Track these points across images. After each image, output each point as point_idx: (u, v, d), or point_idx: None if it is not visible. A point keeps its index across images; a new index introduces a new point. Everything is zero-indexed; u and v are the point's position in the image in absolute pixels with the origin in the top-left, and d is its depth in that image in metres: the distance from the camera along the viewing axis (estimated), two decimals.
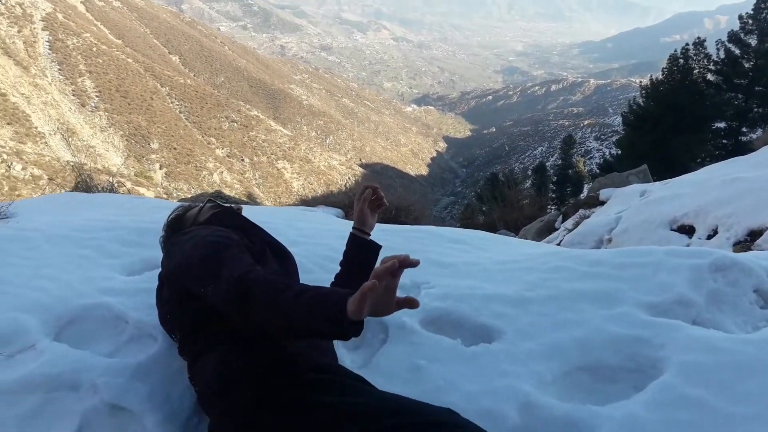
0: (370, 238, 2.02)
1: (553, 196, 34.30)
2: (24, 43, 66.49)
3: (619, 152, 25.22)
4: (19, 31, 67.14)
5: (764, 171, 6.88)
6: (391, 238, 3.40)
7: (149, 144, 61.54)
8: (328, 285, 2.05)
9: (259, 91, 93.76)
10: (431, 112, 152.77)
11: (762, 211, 5.64)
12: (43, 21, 69.91)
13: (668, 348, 2.01)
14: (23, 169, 42.40)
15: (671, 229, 6.26)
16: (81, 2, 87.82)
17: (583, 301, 2.36)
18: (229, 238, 1.66)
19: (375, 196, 1.96)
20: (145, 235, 3.13)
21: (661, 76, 22.45)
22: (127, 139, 61.50)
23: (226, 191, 53.48)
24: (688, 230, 6.20)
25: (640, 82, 27.22)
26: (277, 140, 73.50)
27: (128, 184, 41.94)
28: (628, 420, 1.66)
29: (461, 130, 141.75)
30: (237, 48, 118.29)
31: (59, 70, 66.03)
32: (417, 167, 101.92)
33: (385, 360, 2.02)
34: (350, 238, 2.02)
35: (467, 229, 4.53)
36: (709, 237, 5.88)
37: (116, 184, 7.46)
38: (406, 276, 2.60)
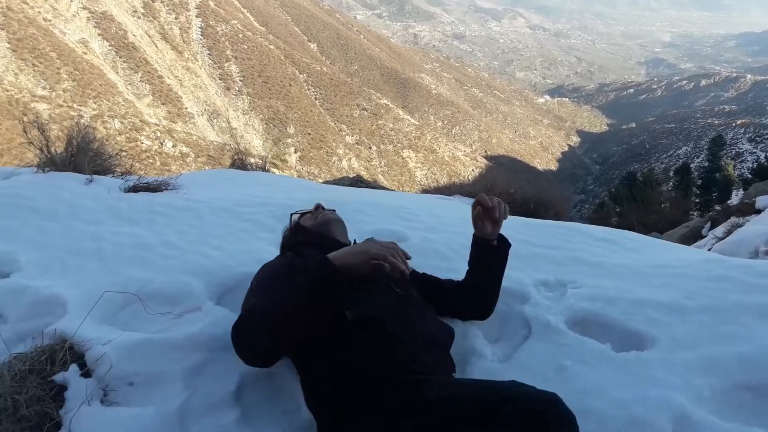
0: (500, 234, 2.04)
1: (697, 200, 31.58)
2: (180, 29, 72.59)
3: None
4: (176, 18, 73.37)
5: None
6: (532, 233, 3.38)
7: (286, 128, 64.78)
8: (463, 275, 2.16)
9: (390, 80, 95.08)
10: (565, 104, 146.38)
11: None
12: (197, 8, 75.79)
13: None
14: (173, 146, 46.31)
15: None
16: None
17: (749, 315, 2.17)
18: (265, 277, 1.79)
19: (487, 211, 1.95)
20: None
21: None
22: (266, 123, 65.22)
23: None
24: None
25: None
26: (404, 129, 74.18)
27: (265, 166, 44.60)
28: None
29: (597, 124, 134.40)
30: (371, 36, 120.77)
31: (209, 54, 71.36)
32: (546, 161, 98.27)
33: (528, 356, 1.97)
34: (473, 241, 2.05)
35: (616, 229, 4.30)
36: None
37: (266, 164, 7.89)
38: (551, 273, 2.63)
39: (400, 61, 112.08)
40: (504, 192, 7.44)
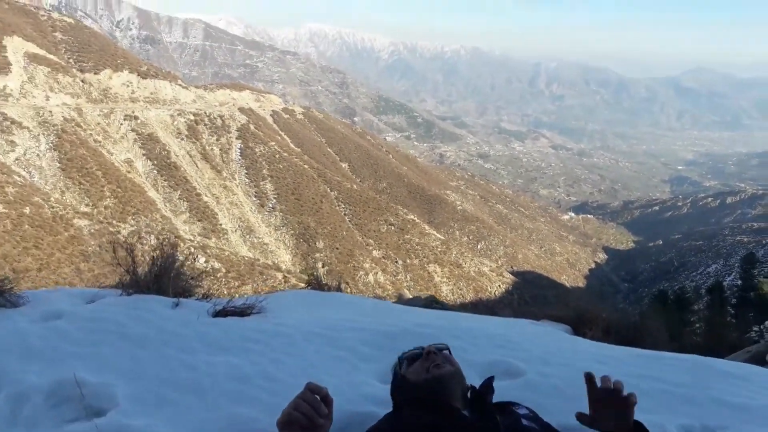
0: (637, 422, 1.69)
1: (733, 320, 30.86)
2: (220, 150, 77.54)
3: None
4: (217, 140, 78.65)
5: None
6: (652, 366, 3.12)
7: (315, 243, 66.84)
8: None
9: (416, 197, 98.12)
10: (590, 220, 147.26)
11: None
12: (238, 131, 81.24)
13: None
14: (205, 261, 48.16)
15: None
16: (270, 115, 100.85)
17: None
18: None
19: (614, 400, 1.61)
20: (395, 339, 3.22)
21: None
22: (296, 238, 67.50)
23: (379, 292, 55.58)
24: None
25: None
26: (430, 244, 75.53)
27: (293, 280, 45.80)
28: None
29: (623, 241, 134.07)
30: (399, 156, 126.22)
31: (246, 173, 75.49)
32: (573, 278, 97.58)
33: None
34: None
35: (740, 362, 4.17)
36: None
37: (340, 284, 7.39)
38: (693, 417, 2.36)
39: (427, 178, 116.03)
40: (596, 316, 6.35)
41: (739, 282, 36.46)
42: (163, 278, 4.00)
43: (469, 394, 1.84)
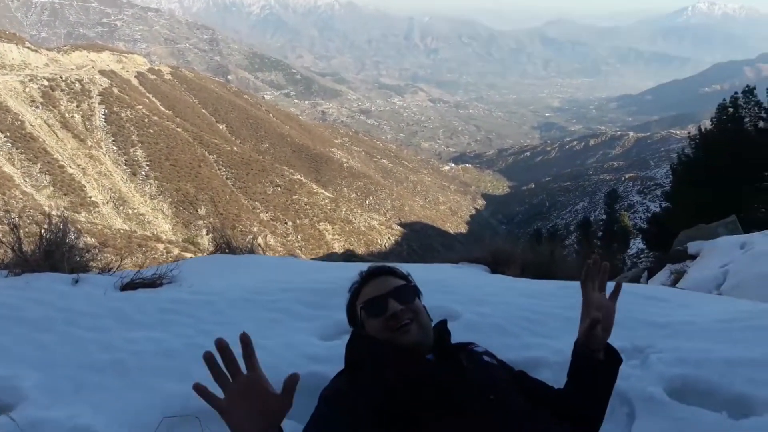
0: (608, 344, 1.62)
1: (600, 251, 33.63)
2: (82, 116, 71.04)
3: (669, 206, 24.32)
4: (77, 106, 71.91)
5: None
6: (578, 295, 2.90)
7: (197, 210, 63.91)
8: (537, 349, 2.16)
9: (301, 156, 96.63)
10: (469, 170, 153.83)
11: None
12: (100, 95, 74.71)
13: None
14: (77, 238, 44.40)
15: None
16: (135, 76, 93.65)
17: None
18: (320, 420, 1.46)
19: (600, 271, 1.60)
20: (328, 296, 3.00)
21: (709, 126, 21.88)
22: (175, 206, 64.07)
23: (270, 254, 54.50)
24: None
25: (689, 133, 26.48)
26: (319, 202, 75.16)
27: (176, 251, 43.51)
28: None
29: (499, 187, 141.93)
30: (281, 115, 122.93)
31: (113, 141, 70.02)
32: (456, 225, 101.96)
33: None
34: (574, 350, 1.65)
35: (660, 286, 4.08)
36: None
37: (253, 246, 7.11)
38: (624, 339, 2.38)
39: (311, 137, 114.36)
40: (512, 254, 6.16)
41: (604, 216, 39.64)
42: (56, 254, 3.57)
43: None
